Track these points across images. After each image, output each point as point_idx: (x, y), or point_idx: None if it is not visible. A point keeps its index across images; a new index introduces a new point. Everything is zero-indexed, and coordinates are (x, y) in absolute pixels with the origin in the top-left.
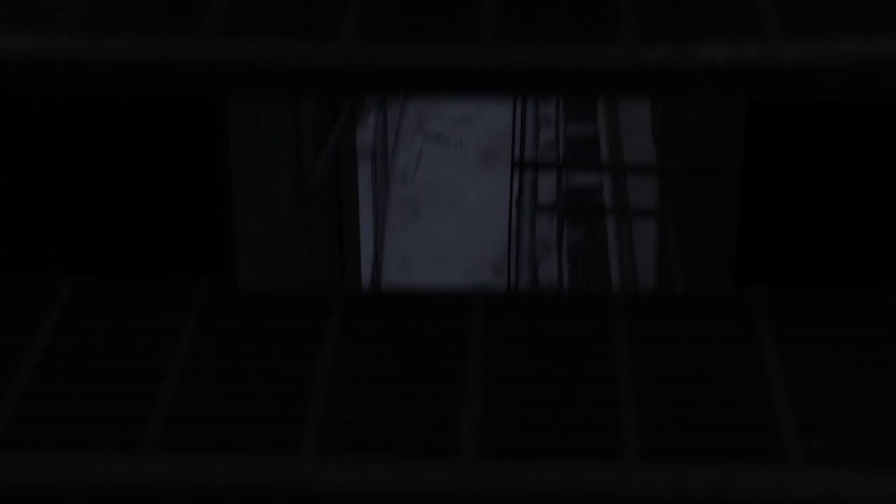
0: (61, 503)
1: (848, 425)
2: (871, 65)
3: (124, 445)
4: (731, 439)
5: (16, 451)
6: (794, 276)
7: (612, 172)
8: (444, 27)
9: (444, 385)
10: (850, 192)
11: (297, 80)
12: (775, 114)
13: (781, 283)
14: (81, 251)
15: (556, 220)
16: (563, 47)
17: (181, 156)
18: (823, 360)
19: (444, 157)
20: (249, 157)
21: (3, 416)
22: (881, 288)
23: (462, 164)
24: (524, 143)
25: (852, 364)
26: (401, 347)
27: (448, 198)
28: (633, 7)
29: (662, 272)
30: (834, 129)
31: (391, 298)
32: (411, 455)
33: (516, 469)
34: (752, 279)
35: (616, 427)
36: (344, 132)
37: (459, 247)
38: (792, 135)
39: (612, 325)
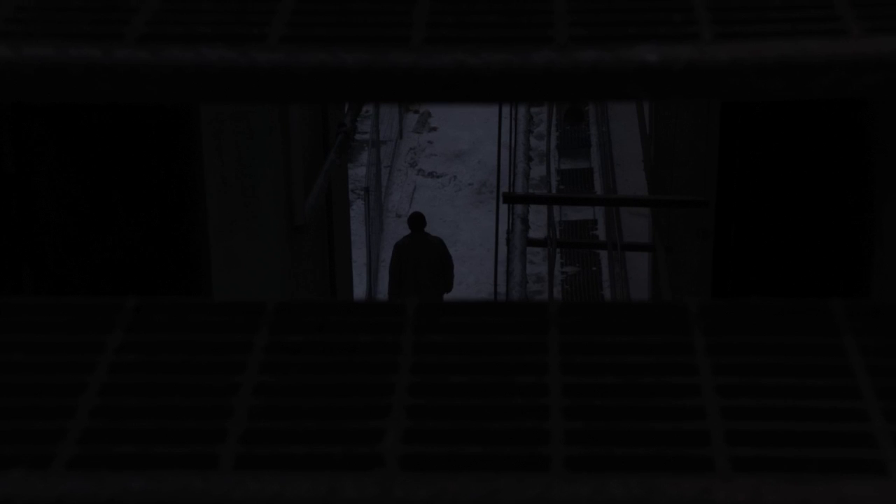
0: None
1: (778, 433)
2: (801, 66)
3: (37, 461)
4: (659, 448)
5: None
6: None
7: (603, 206)
8: (374, 32)
9: (370, 397)
10: (821, 225)
11: (223, 85)
12: (745, 146)
13: None
14: (52, 286)
15: (548, 254)
16: (492, 51)
17: (154, 193)
18: (755, 369)
19: (437, 193)
20: (235, 192)
21: None
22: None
23: (456, 200)
24: (515, 178)
25: (785, 373)
26: (329, 360)
27: (442, 234)
28: (567, 11)
29: None
30: (803, 161)
31: (322, 309)
32: (333, 468)
33: (437, 482)
34: None
35: (543, 437)
36: (335, 168)
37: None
38: (762, 167)
39: (545, 335)
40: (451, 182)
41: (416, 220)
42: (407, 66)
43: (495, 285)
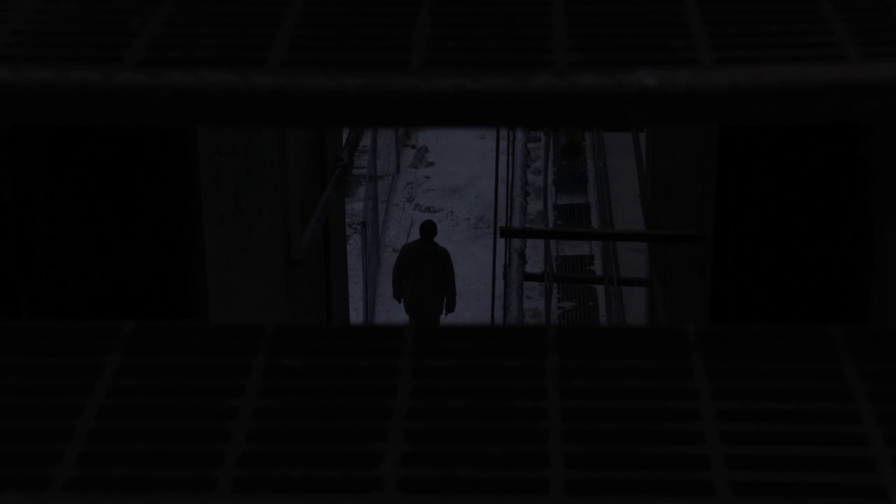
0: None
1: (777, 458)
2: (800, 91)
3: (34, 484)
4: (658, 472)
5: None
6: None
7: (600, 241)
8: (374, 56)
9: (368, 420)
10: (820, 258)
11: (223, 108)
12: (743, 181)
13: None
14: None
15: (545, 289)
16: (492, 75)
17: (152, 226)
18: (755, 394)
19: None
20: (232, 226)
21: None
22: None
23: (453, 235)
24: (512, 213)
25: (784, 398)
26: (328, 384)
27: None
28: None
29: None
30: (801, 195)
31: (321, 333)
32: (331, 491)
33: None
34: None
35: (542, 461)
36: (332, 203)
37: (450, 318)
38: (759, 202)
39: (544, 359)
40: (448, 217)
41: (427, 228)
42: (406, 90)
43: (492, 320)
